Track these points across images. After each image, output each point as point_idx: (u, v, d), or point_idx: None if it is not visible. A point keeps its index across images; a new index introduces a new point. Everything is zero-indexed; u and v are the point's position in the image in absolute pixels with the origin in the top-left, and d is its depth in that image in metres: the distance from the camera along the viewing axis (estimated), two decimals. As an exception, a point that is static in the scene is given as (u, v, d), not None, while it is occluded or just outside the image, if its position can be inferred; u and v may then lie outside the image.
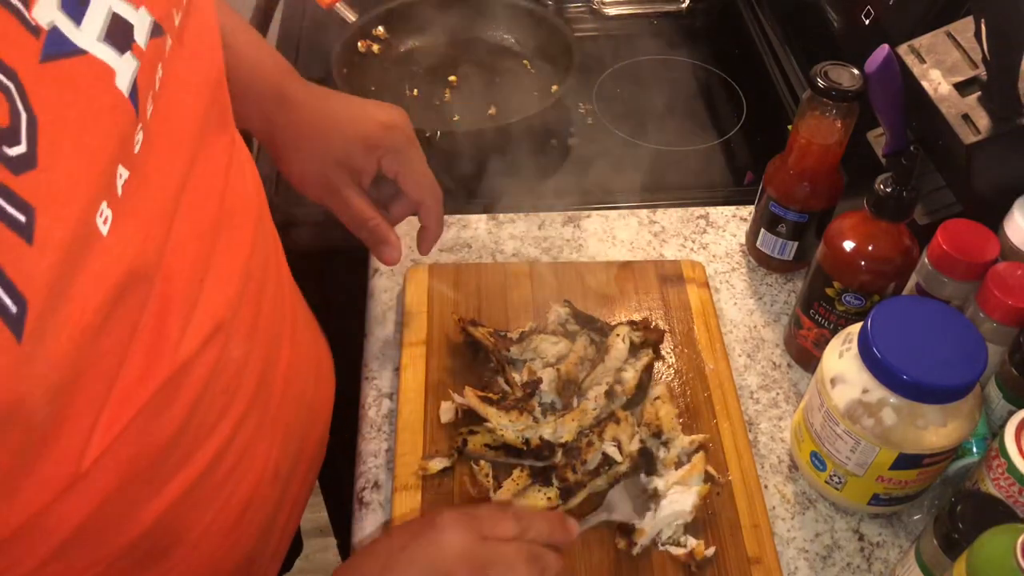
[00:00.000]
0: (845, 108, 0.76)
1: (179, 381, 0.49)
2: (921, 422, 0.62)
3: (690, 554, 0.66)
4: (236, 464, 0.57)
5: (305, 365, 0.68)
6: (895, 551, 0.70)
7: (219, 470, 0.55)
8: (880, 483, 0.67)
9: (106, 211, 0.39)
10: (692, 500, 0.68)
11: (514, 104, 1.08)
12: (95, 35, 0.39)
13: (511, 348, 0.77)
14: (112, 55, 0.40)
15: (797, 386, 0.80)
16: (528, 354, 0.77)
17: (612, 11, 1.26)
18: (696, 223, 0.94)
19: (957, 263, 0.71)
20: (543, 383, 0.74)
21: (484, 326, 0.79)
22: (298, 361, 0.66)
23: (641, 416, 0.74)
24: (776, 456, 0.75)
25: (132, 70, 0.41)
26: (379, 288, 0.87)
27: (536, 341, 0.77)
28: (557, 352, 0.77)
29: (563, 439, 0.71)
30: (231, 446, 0.56)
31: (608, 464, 0.70)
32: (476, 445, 0.71)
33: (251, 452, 0.59)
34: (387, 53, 1.14)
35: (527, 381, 0.74)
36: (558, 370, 0.75)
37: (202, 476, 0.54)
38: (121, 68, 0.40)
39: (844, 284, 0.73)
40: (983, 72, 0.72)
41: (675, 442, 0.72)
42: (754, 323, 0.85)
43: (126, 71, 0.41)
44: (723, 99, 1.13)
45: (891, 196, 0.68)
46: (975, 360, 0.61)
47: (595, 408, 0.72)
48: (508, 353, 0.77)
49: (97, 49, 0.39)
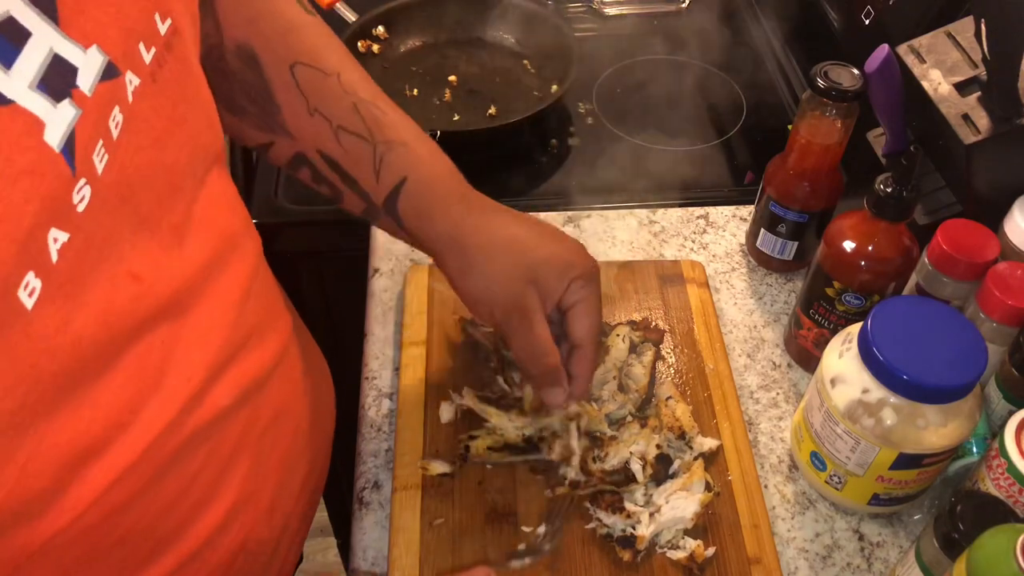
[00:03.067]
0: (845, 108, 0.76)
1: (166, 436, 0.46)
2: (921, 422, 0.62)
3: (691, 557, 0.66)
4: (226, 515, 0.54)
5: (298, 395, 0.63)
6: (895, 551, 0.70)
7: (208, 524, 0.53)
8: (880, 483, 0.67)
9: (33, 282, 0.35)
10: (694, 508, 0.68)
11: (514, 104, 1.08)
12: (26, 82, 0.35)
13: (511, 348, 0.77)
14: (44, 105, 0.35)
15: (797, 386, 0.80)
16: None
17: (612, 11, 1.25)
18: (696, 223, 0.94)
19: (957, 263, 0.71)
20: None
21: (484, 326, 0.79)
22: (290, 392, 0.62)
23: (660, 420, 0.73)
24: (776, 456, 0.75)
25: (69, 120, 0.37)
26: (379, 288, 0.87)
27: None
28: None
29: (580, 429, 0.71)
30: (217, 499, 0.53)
31: (625, 475, 0.70)
32: (479, 450, 0.71)
33: (240, 498, 0.55)
34: (387, 53, 1.14)
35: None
36: None
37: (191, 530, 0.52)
38: (53, 119, 0.36)
39: (844, 284, 0.73)
40: (983, 72, 0.72)
41: (695, 441, 0.73)
42: (754, 323, 0.85)
43: (60, 122, 0.36)
44: (723, 99, 1.13)
45: (891, 196, 0.68)
46: (975, 360, 0.61)
47: (616, 404, 0.73)
48: (508, 353, 0.77)
49: (26, 98, 0.35)
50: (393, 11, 1.14)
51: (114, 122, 0.40)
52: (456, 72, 1.12)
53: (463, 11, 1.16)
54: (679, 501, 0.68)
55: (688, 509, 0.68)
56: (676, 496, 0.68)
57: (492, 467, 0.72)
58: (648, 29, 1.23)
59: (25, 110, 0.35)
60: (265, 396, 0.56)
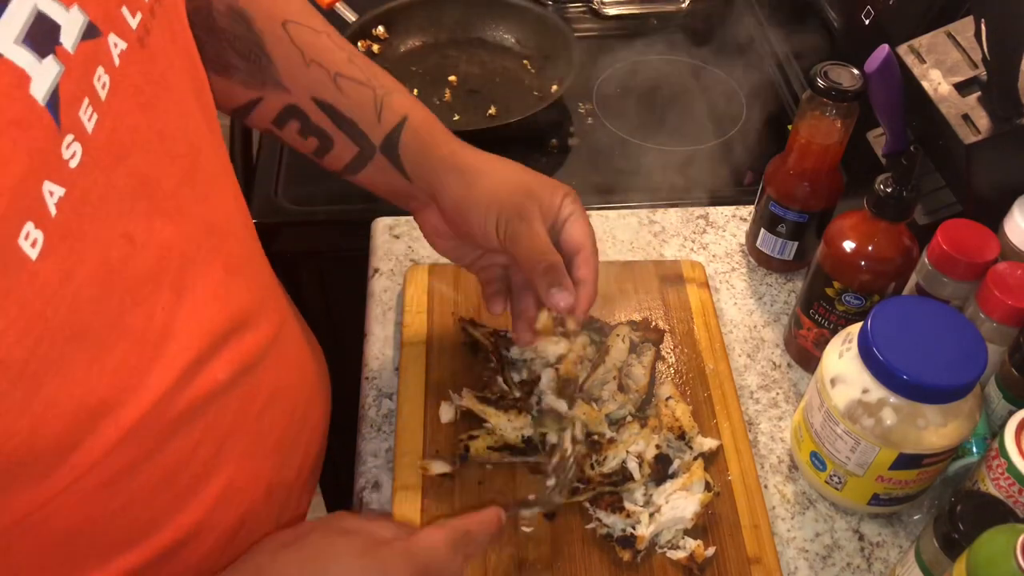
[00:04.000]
0: (845, 108, 0.76)
1: (161, 406, 0.47)
2: (921, 422, 0.62)
3: (690, 557, 0.66)
4: (223, 492, 0.55)
5: (293, 379, 0.65)
6: (895, 551, 0.70)
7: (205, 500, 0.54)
8: (880, 483, 0.67)
9: (35, 232, 0.36)
10: (694, 508, 0.68)
11: (514, 104, 1.08)
12: (12, 37, 0.36)
13: (511, 348, 0.77)
14: (29, 59, 0.36)
15: (797, 386, 0.80)
16: (528, 353, 0.77)
17: (612, 11, 1.25)
18: (696, 223, 0.94)
19: (957, 263, 0.71)
20: (542, 382, 0.74)
21: (484, 326, 0.79)
22: (285, 376, 0.63)
23: (659, 420, 0.73)
24: (776, 456, 0.75)
25: (53, 76, 0.38)
26: (379, 288, 0.87)
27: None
28: (557, 352, 0.77)
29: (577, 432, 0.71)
30: (215, 475, 0.54)
31: (622, 475, 0.70)
32: (479, 450, 0.71)
33: (239, 476, 0.56)
34: (387, 53, 1.14)
35: (524, 380, 0.75)
36: (557, 370, 0.75)
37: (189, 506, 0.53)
38: (38, 73, 0.37)
39: (844, 284, 0.73)
40: (983, 72, 0.72)
41: (695, 441, 0.73)
42: (754, 323, 0.85)
43: (44, 77, 0.37)
44: (723, 99, 1.13)
45: (891, 196, 0.68)
46: (975, 360, 0.61)
47: (616, 404, 0.73)
48: (508, 353, 0.77)
49: (12, 52, 0.36)
50: (393, 11, 1.14)
51: (100, 82, 0.41)
52: (456, 72, 1.12)
53: (463, 11, 1.16)
54: (679, 501, 0.68)
55: (688, 509, 0.68)
56: (676, 496, 0.68)
57: (492, 467, 0.72)
58: (648, 29, 1.23)
59: (11, 63, 0.36)
60: (261, 376, 0.58)
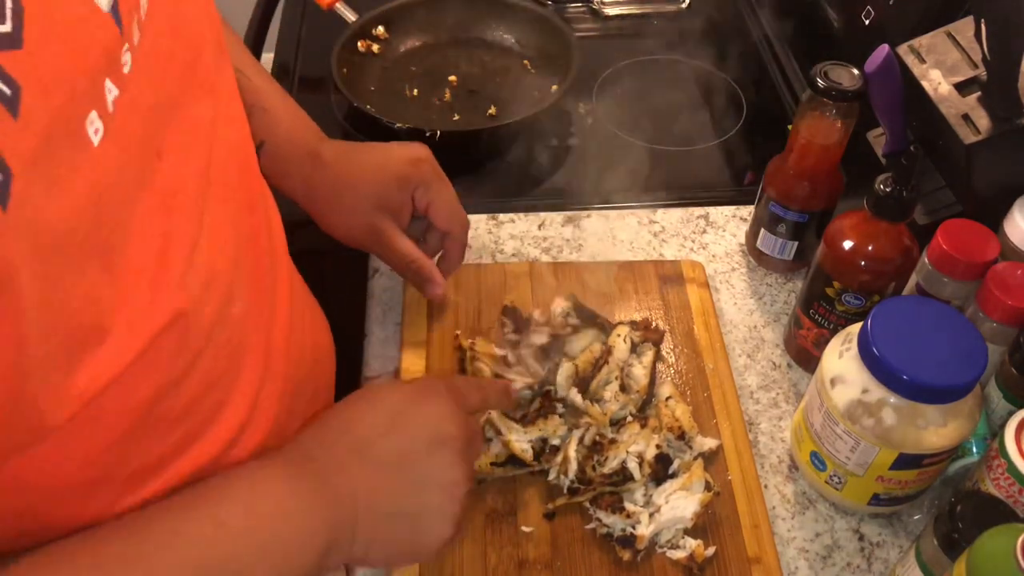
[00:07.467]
0: (845, 108, 0.76)
1: (184, 324, 0.48)
2: (921, 422, 0.62)
3: (690, 556, 0.66)
4: (245, 422, 0.56)
5: (303, 323, 0.67)
6: (895, 551, 0.70)
7: (226, 427, 0.55)
8: (880, 483, 0.67)
9: (97, 122, 0.38)
10: (694, 508, 0.68)
11: (514, 104, 1.08)
12: None
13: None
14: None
15: (797, 386, 0.80)
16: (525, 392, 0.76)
17: (612, 11, 1.25)
18: (696, 223, 0.94)
19: (957, 263, 0.71)
20: (559, 376, 0.74)
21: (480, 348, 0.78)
22: (297, 318, 0.65)
23: (659, 420, 0.73)
24: (776, 456, 0.75)
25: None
26: (379, 288, 0.87)
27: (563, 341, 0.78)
28: (581, 346, 0.78)
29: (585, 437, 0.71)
30: (239, 404, 0.55)
31: (623, 475, 0.70)
32: (483, 466, 0.70)
33: (257, 410, 0.58)
34: (387, 53, 1.14)
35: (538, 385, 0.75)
36: (576, 365, 0.75)
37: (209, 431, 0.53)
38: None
39: (844, 284, 0.73)
40: (983, 72, 0.72)
41: (695, 441, 0.72)
42: (754, 323, 0.85)
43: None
44: (723, 99, 1.13)
45: (891, 196, 0.68)
46: (975, 360, 0.61)
47: (618, 406, 0.73)
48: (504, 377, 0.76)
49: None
50: (393, 11, 1.14)
51: (143, 2, 0.43)
52: (456, 72, 1.12)
53: (463, 11, 1.16)
54: (679, 501, 0.68)
55: (688, 509, 0.68)
56: (676, 496, 0.68)
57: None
58: (648, 29, 1.23)
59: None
60: (274, 319, 0.60)
